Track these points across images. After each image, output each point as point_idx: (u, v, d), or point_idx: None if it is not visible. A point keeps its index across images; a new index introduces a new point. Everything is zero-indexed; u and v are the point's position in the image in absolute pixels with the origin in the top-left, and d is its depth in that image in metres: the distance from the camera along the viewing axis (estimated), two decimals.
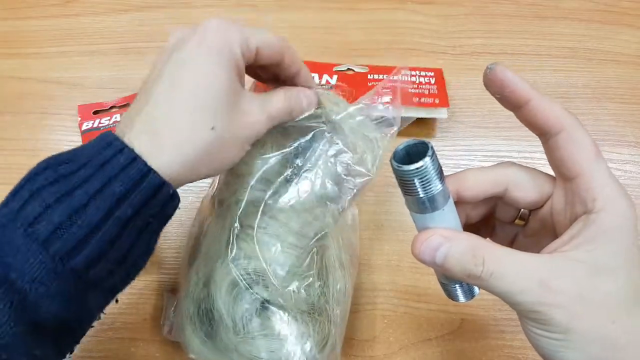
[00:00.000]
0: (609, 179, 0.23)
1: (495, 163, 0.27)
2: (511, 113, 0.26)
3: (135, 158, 0.25)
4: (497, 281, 0.23)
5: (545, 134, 0.25)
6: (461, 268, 0.24)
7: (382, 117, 0.38)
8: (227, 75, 0.28)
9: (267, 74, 0.34)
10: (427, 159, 0.23)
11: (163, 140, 0.26)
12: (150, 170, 0.25)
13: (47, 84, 0.52)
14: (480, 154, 0.48)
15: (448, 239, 0.24)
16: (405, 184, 0.24)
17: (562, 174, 0.25)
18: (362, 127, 0.38)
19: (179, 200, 0.28)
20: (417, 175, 0.23)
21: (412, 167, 0.23)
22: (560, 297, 0.22)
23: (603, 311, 0.22)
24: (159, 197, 0.26)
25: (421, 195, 0.24)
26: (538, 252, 0.24)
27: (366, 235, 0.44)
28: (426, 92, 0.49)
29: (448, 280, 0.28)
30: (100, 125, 0.48)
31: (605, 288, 0.23)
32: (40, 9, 0.56)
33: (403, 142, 0.24)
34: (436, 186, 0.24)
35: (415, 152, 0.24)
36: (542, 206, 0.27)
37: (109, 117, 0.48)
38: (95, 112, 0.50)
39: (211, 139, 0.27)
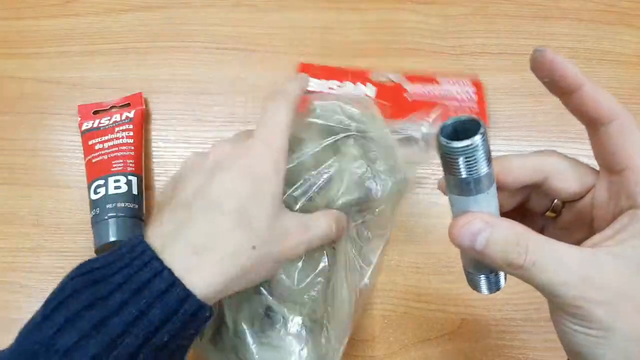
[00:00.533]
0: None
1: (536, 151, 0.27)
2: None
3: (174, 282, 0.25)
4: (539, 272, 0.22)
5: (595, 123, 0.24)
6: (503, 255, 0.22)
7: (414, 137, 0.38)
8: (271, 200, 0.29)
9: None
10: (478, 137, 0.21)
11: (205, 259, 0.26)
12: (189, 295, 0.25)
13: (47, 84, 0.52)
14: None
15: (490, 225, 0.23)
16: (450, 163, 0.22)
17: (609, 166, 0.24)
18: (394, 143, 0.37)
19: (211, 315, 0.27)
20: (465, 154, 0.21)
21: (462, 144, 0.21)
22: (603, 294, 0.22)
23: None
24: (197, 320, 0.26)
25: (465, 176, 0.22)
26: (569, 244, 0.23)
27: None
28: (467, 110, 0.47)
29: (476, 270, 0.26)
30: (100, 125, 0.48)
31: None
32: (40, 9, 0.56)
33: (451, 117, 0.22)
34: (483, 167, 0.22)
35: (462, 130, 0.22)
36: (580, 198, 0.26)
37: (109, 117, 0.48)
38: (96, 112, 0.50)
39: (252, 259, 0.28)
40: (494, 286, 0.27)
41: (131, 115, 0.48)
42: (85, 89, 0.52)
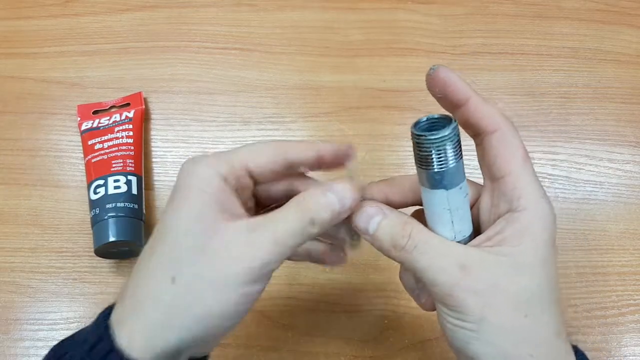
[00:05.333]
0: (534, 181, 0.24)
1: None
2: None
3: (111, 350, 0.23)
4: (419, 255, 0.24)
5: (480, 133, 0.25)
6: (390, 238, 0.25)
7: None
8: (190, 217, 0.24)
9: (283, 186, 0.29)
10: (449, 129, 0.23)
11: (133, 313, 0.24)
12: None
13: (46, 83, 0.52)
14: None
15: (383, 213, 0.26)
16: (423, 154, 0.23)
17: (491, 173, 0.25)
18: None
19: None
20: (435, 144, 0.23)
21: (435, 135, 0.23)
22: (477, 285, 0.23)
23: (517, 305, 0.23)
24: None
25: (438, 168, 0.23)
26: None
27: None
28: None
29: None
30: (100, 125, 0.48)
31: (523, 283, 0.23)
32: (39, 8, 0.56)
33: (426, 115, 0.24)
34: (452, 161, 0.23)
35: (436, 127, 0.23)
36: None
37: (108, 117, 0.48)
38: (95, 112, 0.50)
39: (173, 292, 0.23)
40: None
41: (131, 115, 0.48)
42: (84, 88, 0.52)
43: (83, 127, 0.48)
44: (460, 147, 0.24)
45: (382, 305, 0.42)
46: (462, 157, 0.24)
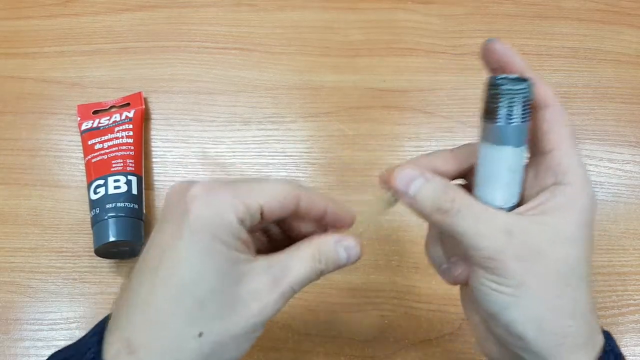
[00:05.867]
0: (580, 161, 0.25)
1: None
2: None
3: None
4: (462, 220, 0.24)
5: (535, 107, 0.25)
6: (432, 201, 0.24)
7: None
8: (217, 263, 0.23)
9: (283, 227, 0.29)
10: (525, 84, 0.23)
11: (140, 357, 0.22)
12: None
13: (46, 83, 0.52)
14: None
15: (425, 174, 0.25)
16: (494, 105, 0.23)
17: (540, 146, 0.25)
18: None
19: None
20: (509, 96, 0.23)
21: (512, 86, 0.23)
22: (521, 250, 0.23)
23: (559, 274, 0.23)
24: None
25: (507, 123, 0.23)
26: None
27: (366, 235, 0.44)
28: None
29: None
30: (100, 125, 0.48)
31: (565, 253, 0.23)
32: (39, 8, 0.56)
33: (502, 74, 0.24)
34: (522, 117, 0.24)
35: None
36: None
37: (108, 117, 0.48)
38: (95, 112, 0.50)
39: (199, 348, 0.23)
40: None
41: (131, 115, 0.48)
42: (84, 88, 0.52)
43: (83, 127, 0.48)
44: (530, 109, 0.24)
45: (382, 305, 0.42)
46: (530, 121, 0.24)
